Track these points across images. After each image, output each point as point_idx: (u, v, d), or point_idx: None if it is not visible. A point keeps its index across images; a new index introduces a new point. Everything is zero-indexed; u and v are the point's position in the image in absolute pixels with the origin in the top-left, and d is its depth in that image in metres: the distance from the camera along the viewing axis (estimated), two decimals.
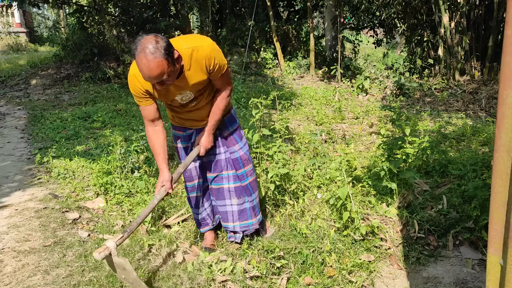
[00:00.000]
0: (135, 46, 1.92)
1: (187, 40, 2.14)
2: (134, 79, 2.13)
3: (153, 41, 1.89)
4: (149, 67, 1.89)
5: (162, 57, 1.89)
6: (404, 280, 2.35)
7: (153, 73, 1.90)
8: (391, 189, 3.18)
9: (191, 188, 2.64)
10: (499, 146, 1.19)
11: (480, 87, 7.29)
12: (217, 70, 2.20)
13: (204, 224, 2.74)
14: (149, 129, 2.31)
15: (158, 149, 2.31)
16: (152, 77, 1.93)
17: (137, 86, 2.15)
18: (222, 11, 12.67)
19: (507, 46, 1.15)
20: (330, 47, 10.55)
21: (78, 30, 11.17)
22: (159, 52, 1.88)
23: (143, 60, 1.88)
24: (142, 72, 1.93)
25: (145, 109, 2.25)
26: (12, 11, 16.68)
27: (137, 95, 2.20)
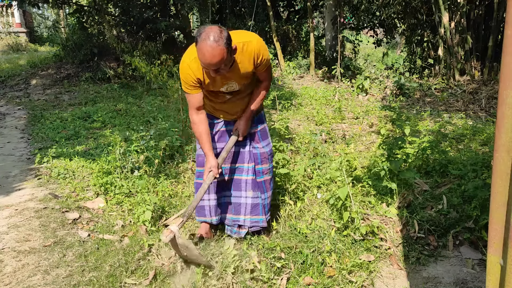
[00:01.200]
0: (199, 33, 2.07)
1: (238, 35, 2.29)
2: (187, 67, 2.28)
3: (218, 30, 2.05)
4: (212, 53, 2.03)
5: (224, 45, 2.05)
6: (404, 280, 2.35)
7: (215, 59, 2.05)
8: (391, 189, 3.18)
9: (201, 174, 2.69)
10: (499, 146, 1.19)
11: (480, 87, 7.29)
12: (264, 65, 2.38)
13: (201, 213, 2.76)
14: (194, 117, 2.44)
15: (204, 135, 2.45)
16: (212, 64, 2.07)
17: (190, 74, 2.29)
18: (222, 11, 12.67)
19: (507, 46, 1.15)
20: (330, 47, 10.56)
21: (78, 30, 11.17)
22: (222, 41, 2.04)
23: (207, 46, 2.03)
24: (204, 58, 2.06)
25: (193, 97, 2.39)
26: (12, 11, 16.68)
27: (187, 82, 2.33)
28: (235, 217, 2.76)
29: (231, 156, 2.70)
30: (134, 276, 2.45)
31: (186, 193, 3.50)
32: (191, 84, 2.33)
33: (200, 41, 2.05)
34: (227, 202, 2.79)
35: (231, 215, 2.78)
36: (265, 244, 2.67)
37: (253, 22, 11.09)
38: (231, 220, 2.79)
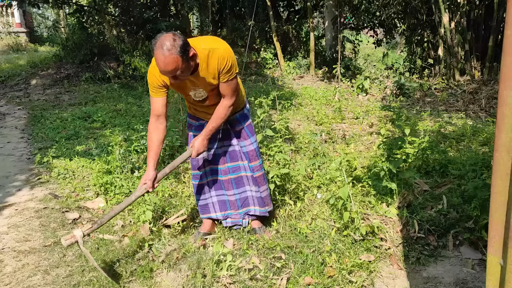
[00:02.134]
0: (154, 41, 2.10)
1: (206, 41, 2.32)
2: (154, 70, 2.30)
3: (171, 38, 2.07)
4: (164, 62, 2.06)
5: (177, 54, 2.07)
6: (404, 280, 2.35)
7: (168, 67, 2.08)
8: (391, 189, 3.18)
9: (197, 176, 2.77)
10: (499, 146, 1.19)
11: (480, 87, 7.29)
12: (225, 73, 2.31)
13: (205, 211, 2.86)
14: (152, 123, 2.45)
15: (153, 145, 2.44)
16: (167, 71, 2.11)
17: (156, 76, 2.32)
18: (222, 11, 12.67)
19: (507, 46, 1.15)
20: (330, 47, 10.55)
21: (78, 30, 11.16)
22: (175, 49, 2.06)
23: (160, 55, 2.06)
24: (159, 66, 2.10)
25: (155, 101, 2.39)
26: (12, 11, 16.67)
27: (152, 84, 2.36)
28: (245, 209, 2.84)
29: (223, 156, 2.74)
30: (134, 276, 2.45)
31: (186, 193, 3.50)
32: (156, 86, 2.35)
33: (155, 50, 2.08)
34: (232, 200, 2.83)
35: (240, 209, 2.84)
36: (265, 244, 2.67)
37: (253, 22, 11.09)
38: (241, 214, 2.85)
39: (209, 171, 2.78)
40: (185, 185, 3.69)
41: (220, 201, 2.84)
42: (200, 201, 2.84)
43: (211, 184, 2.81)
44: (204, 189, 2.81)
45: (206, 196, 2.83)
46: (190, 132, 2.75)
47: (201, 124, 2.65)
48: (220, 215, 2.85)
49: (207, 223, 2.89)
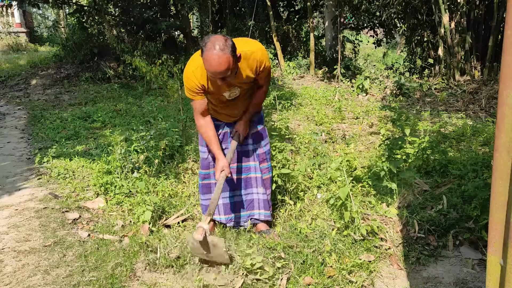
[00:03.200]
0: (204, 43, 2.13)
1: (243, 43, 2.39)
2: (192, 75, 2.34)
3: (222, 39, 2.13)
4: (218, 62, 2.09)
5: (229, 54, 2.12)
6: (404, 280, 2.35)
7: (221, 68, 2.11)
8: (391, 189, 3.18)
9: (206, 175, 2.78)
10: (499, 146, 1.19)
11: (480, 87, 7.29)
12: (265, 72, 2.49)
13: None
14: (200, 121, 2.52)
15: (213, 137, 2.52)
16: (219, 72, 2.13)
17: (194, 81, 2.36)
18: (222, 11, 12.67)
19: (507, 46, 1.15)
20: (330, 47, 10.55)
21: (78, 30, 11.17)
22: (227, 50, 2.11)
23: (213, 55, 2.09)
24: (211, 67, 2.12)
25: (198, 103, 2.46)
26: (12, 11, 16.68)
27: (192, 89, 2.40)
28: (249, 212, 2.85)
29: (236, 156, 2.76)
30: (134, 276, 2.45)
31: (186, 193, 3.50)
32: (195, 91, 2.39)
33: (206, 51, 2.11)
34: (238, 201, 2.85)
35: (245, 212, 2.86)
36: (265, 244, 2.67)
37: (253, 22, 11.09)
38: (246, 216, 2.87)
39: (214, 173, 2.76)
40: (185, 185, 3.69)
41: (225, 204, 2.84)
42: (205, 201, 2.84)
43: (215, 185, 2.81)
44: (211, 189, 2.80)
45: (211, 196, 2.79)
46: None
47: (218, 125, 2.68)
48: (223, 218, 2.86)
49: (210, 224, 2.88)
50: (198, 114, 2.50)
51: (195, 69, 2.33)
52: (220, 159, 2.49)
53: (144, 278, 2.43)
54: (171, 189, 3.53)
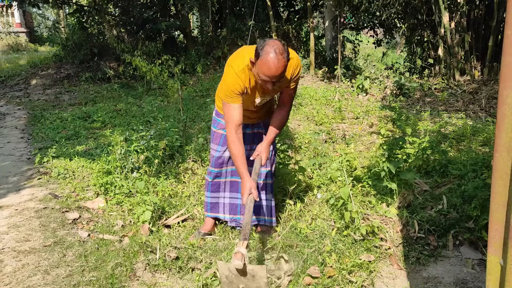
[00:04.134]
0: (261, 46, 2.14)
1: None
2: (236, 77, 2.32)
3: (280, 44, 2.16)
4: (277, 65, 2.12)
5: (286, 58, 2.17)
6: (404, 280, 2.35)
7: (279, 71, 2.14)
8: (391, 189, 3.18)
9: (218, 174, 2.76)
10: (499, 146, 1.19)
11: (480, 87, 7.29)
12: (295, 81, 2.47)
13: (214, 210, 2.85)
14: (234, 136, 2.39)
15: (242, 157, 2.40)
16: (276, 75, 2.15)
17: (239, 83, 2.32)
18: (222, 11, 12.66)
19: (507, 46, 1.15)
20: (330, 47, 10.55)
21: (78, 30, 11.18)
22: (286, 54, 2.16)
23: (274, 59, 2.11)
24: (270, 70, 2.13)
25: (235, 108, 2.36)
26: (12, 11, 16.67)
27: (234, 91, 2.33)
28: (254, 217, 2.84)
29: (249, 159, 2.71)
30: (134, 276, 2.45)
31: (186, 193, 3.50)
32: (237, 93, 2.34)
33: (265, 54, 2.12)
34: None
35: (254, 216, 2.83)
36: (264, 243, 2.67)
37: (253, 22, 11.08)
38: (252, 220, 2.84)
39: (229, 171, 2.77)
40: (185, 185, 3.69)
41: (232, 204, 2.83)
42: (211, 199, 2.83)
43: (228, 185, 2.80)
44: (219, 188, 2.80)
45: (219, 195, 2.82)
46: (220, 130, 2.70)
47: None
48: (228, 217, 2.85)
49: (210, 222, 2.89)
50: (233, 126, 2.37)
51: (238, 71, 2.31)
52: (247, 181, 2.36)
53: (144, 278, 2.43)
54: (171, 189, 3.53)
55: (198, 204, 3.29)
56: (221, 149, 2.71)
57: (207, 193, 2.84)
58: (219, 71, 10.12)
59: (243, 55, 2.36)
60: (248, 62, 2.30)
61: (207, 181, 2.82)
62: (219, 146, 2.72)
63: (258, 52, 2.16)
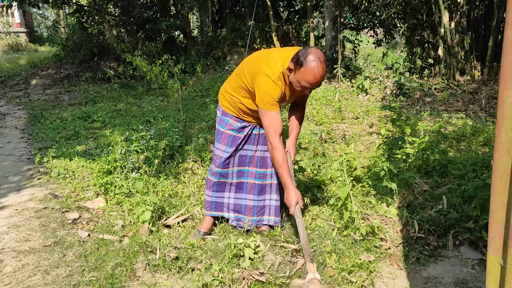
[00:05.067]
0: (304, 55, 2.23)
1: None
2: (274, 84, 2.36)
3: (321, 51, 2.27)
4: (321, 74, 2.24)
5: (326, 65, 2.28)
6: (404, 280, 2.35)
7: (322, 78, 2.26)
8: (391, 189, 3.18)
9: (224, 174, 2.72)
10: (499, 146, 1.19)
11: (480, 87, 7.29)
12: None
13: (218, 209, 2.83)
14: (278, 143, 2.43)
15: (286, 164, 2.45)
16: (320, 82, 2.27)
17: (278, 90, 2.37)
18: (222, 11, 12.67)
19: (507, 46, 1.15)
20: (330, 47, 10.55)
21: (78, 30, 11.18)
22: (326, 62, 2.29)
23: (319, 67, 2.23)
24: (315, 78, 2.24)
25: (278, 116, 2.42)
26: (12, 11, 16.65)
27: (275, 98, 2.37)
28: (259, 217, 2.84)
29: (256, 160, 2.75)
30: (134, 276, 2.45)
31: (186, 193, 3.50)
32: (277, 99, 2.38)
33: (310, 63, 2.21)
34: (249, 205, 2.81)
35: (255, 217, 2.83)
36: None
37: (253, 22, 11.08)
38: (255, 221, 2.84)
39: (236, 172, 2.75)
40: (185, 185, 3.69)
41: (236, 204, 2.82)
42: (216, 198, 2.81)
43: (234, 186, 2.78)
44: (225, 188, 2.78)
45: (224, 195, 2.81)
46: (229, 131, 2.69)
47: (244, 126, 2.68)
48: (232, 216, 2.84)
49: (210, 221, 2.88)
50: (277, 133, 2.41)
51: (275, 79, 2.35)
52: (292, 191, 2.41)
53: (144, 278, 2.43)
54: (171, 189, 3.53)
55: (198, 204, 3.29)
56: (229, 149, 2.68)
57: (210, 193, 2.80)
58: (219, 71, 10.12)
59: (273, 61, 2.38)
60: (281, 69, 2.36)
61: (211, 180, 2.78)
62: (227, 147, 2.68)
63: (300, 60, 2.23)
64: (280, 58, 2.38)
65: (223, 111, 2.71)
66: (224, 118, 2.71)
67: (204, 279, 2.31)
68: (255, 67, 2.44)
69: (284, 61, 2.36)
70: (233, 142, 2.67)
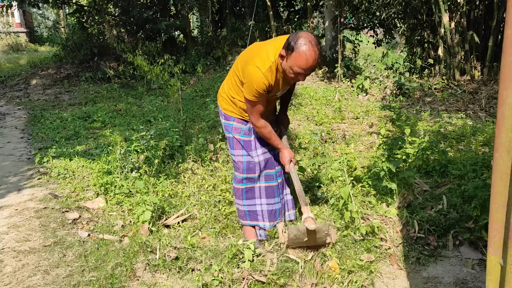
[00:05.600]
0: (295, 40, 2.15)
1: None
2: (263, 77, 2.31)
3: (312, 35, 2.18)
4: (314, 57, 2.16)
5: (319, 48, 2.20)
6: (404, 280, 2.35)
7: (315, 63, 2.19)
8: (391, 189, 3.18)
9: (251, 179, 2.64)
10: (499, 146, 1.19)
11: (480, 87, 7.29)
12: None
13: (253, 218, 2.71)
14: (261, 121, 2.49)
15: (274, 133, 2.55)
16: (313, 66, 2.20)
17: (265, 83, 2.32)
18: (222, 11, 12.67)
19: (507, 46, 1.15)
20: (330, 47, 10.55)
21: (78, 30, 11.18)
22: (319, 45, 2.20)
23: (311, 51, 2.14)
24: (307, 62, 2.16)
25: (261, 103, 2.42)
26: (12, 11, 16.66)
27: (261, 91, 2.34)
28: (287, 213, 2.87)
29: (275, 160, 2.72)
30: (134, 276, 2.45)
31: (186, 193, 3.50)
32: (263, 92, 2.35)
33: (301, 47, 2.13)
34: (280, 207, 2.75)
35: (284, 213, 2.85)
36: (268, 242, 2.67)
37: (253, 22, 11.08)
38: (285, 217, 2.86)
39: (263, 176, 2.66)
40: (185, 185, 3.69)
41: (270, 210, 2.69)
42: (248, 207, 2.69)
43: (263, 190, 2.67)
44: (255, 194, 2.67)
45: (255, 201, 2.68)
46: (237, 135, 2.63)
47: (249, 128, 2.63)
48: (268, 225, 2.71)
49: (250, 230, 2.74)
50: (258, 115, 2.45)
51: (265, 71, 2.30)
52: (286, 151, 2.54)
53: (144, 278, 2.43)
54: (171, 189, 3.53)
55: (198, 204, 3.29)
56: (245, 153, 2.62)
57: (241, 201, 2.69)
58: (219, 71, 10.13)
59: (265, 52, 2.33)
60: (273, 59, 2.30)
61: (238, 189, 2.67)
62: (243, 150, 2.62)
63: (291, 45, 2.15)
64: (272, 48, 2.34)
65: (225, 115, 2.66)
66: (228, 123, 2.66)
67: (204, 279, 2.31)
68: (247, 58, 2.41)
69: (276, 50, 2.31)
70: (246, 146, 2.62)
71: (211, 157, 4.05)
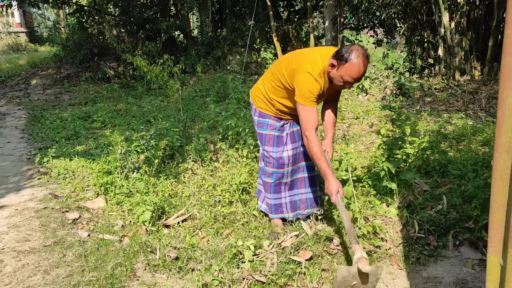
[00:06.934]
0: (348, 52, 2.32)
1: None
2: (315, 82, 2.44)
3: (364, 49, 2.36)
4: (365, 69, 2.36)
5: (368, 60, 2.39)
6: (404, 280, 2.35)
7: (364, 72, 2.38)
8: (391, 189, 3.18)
9: (278, 175, 2.80)
10: (499, 146, 1.19)
11: (480, 87, 7.28)
12: None
13: (278, 211, 2.90)
14: (315, 137, 2.50)
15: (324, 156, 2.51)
16: (362, 76, 2.38)
17: (318, 87, 2.46)
18: (222, 11, 12.66)
19: (507, 46, 1.15)
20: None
21: (78, 30, 11.18)
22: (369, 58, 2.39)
23: (364, 62, 2.34)
24: (359, 73, 2.34)
25: (315, 112, 2.49)
26: (12, 11, 16.67)
27: (315, 94, 2.46)
28: (312, 209, 2.94)
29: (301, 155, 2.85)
30: (134, 276, 2.45)
31: (186, 193, 3.50)
32: (317, 96, 2.46)
33: (355, 58, 2.31)
34: (302, 198, 2.92)
35: (309, 209, 2.93)
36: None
37: (253, 22, 11.08)
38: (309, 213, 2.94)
39: (290, 172, 2.83)
40: (185, 185, 3.68)
41: (291, 201, 2.90)
42: (275, 200, 2.87)
43: (288, 185, 2.87)
44: (281, 189, 2.85)
45: (281, 195, 2.87)
46: (271, 132, 2.78)
47: (282, 124, 2.78)
48: (291, 215, 2.91)
49: (279, 222, 2.92)
50: (313, 128, 2.48)
51: (316, 76, 2.43)
52: (333, 181, 2.43)
53: (144, 278, 2.43)
54: (171, 189, 3.53)
55: (198, 204, 3.29)
56: (277, 149, 2.77)
57: (269, 195, 2.87)
58: (219, 71, 10.12)
59: (314, 59, 2.46)
60: (321, 67, 2.44)
61: (268, 182, 2.84)
62: (274, 147, 2.77)
63: (344, 57, 2.32)
64: (320, 56, 2.48)
65: (260, 112, 2.80)
66: (263, 120, 2.80)
67: (204, 279, 2.31)
68: (295, 65, 2.52)
69: (323, 59, 2.46)
70: (278, 141, 2.77)
71: (211, 157, 4.05)
